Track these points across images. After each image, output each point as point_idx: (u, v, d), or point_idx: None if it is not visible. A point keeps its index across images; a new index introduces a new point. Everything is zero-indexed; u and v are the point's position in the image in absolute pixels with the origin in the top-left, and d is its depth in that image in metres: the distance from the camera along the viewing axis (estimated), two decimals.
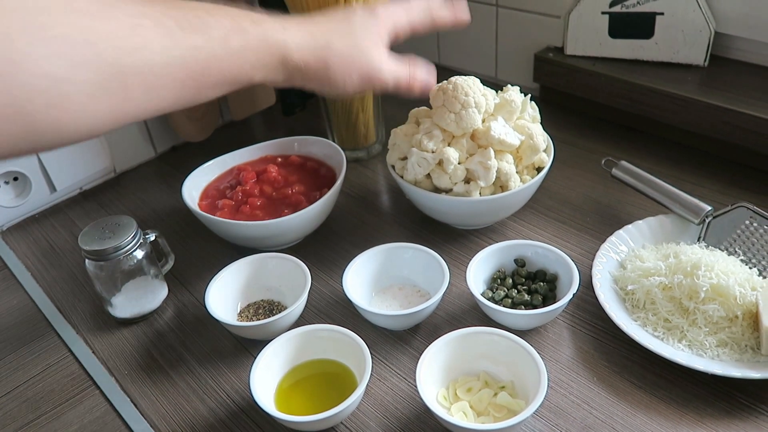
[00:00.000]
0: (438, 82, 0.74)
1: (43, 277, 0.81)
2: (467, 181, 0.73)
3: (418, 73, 0.64)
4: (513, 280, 0.70)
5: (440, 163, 0.72)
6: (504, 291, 0.68)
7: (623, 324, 0.62)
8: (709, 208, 0.70)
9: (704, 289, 0.61)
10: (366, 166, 0.95)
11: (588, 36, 0.94)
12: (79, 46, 0.41)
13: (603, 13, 0.91)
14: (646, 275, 0.65)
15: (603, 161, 0.80)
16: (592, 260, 0.69)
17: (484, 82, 0.76)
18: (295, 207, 0.77)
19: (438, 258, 0.69)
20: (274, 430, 0.60)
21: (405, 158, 0.77)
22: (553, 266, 0.69)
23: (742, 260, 0.66)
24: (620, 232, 0.72)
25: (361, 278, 0.70)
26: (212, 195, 0.82)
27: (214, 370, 0.66)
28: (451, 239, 0.79)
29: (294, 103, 1.09)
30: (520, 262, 0.71)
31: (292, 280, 0.70)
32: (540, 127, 0.77)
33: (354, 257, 0.70)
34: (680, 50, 0.89)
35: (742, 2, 0.84)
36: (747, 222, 0.68)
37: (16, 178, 0.88)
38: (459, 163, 0.72)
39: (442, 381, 0.60)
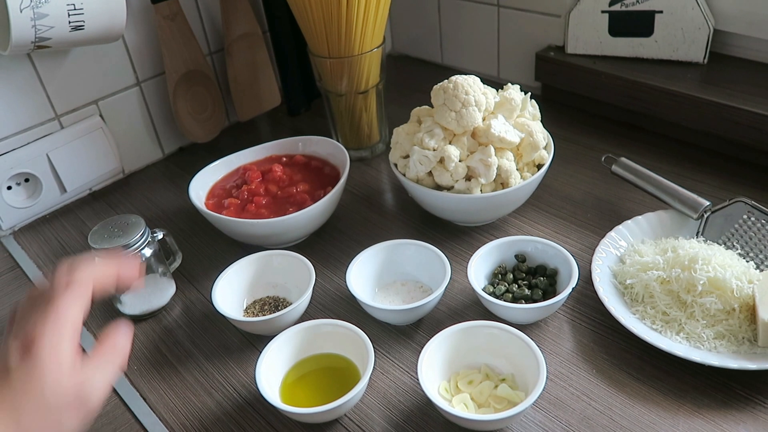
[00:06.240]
0: (440, 81, 0.76)
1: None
2: (468, 178, 0.74)
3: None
4: (514, 275, 0.71)
5: (441, 160, 0.74)
6: (505, 286, 0.69)
7: (622, 317, 0.63)
8: (708, 203, 0.71)
9: (701, 282, 0.61)
10: (369, 165, 0.97)
11: (588, 34, 0.95)
12: None
13: (603, 11, 0.92)
14: (645, 269, 0.66)
15: (603, 158, 0.81)
16: (592, 255, 0.70)
17: (487, 81, 0.77)
18: (300, 205, 0.78)
19: (440, 254, 0.70)
20: (279, 422, 0.61)
21: (407, 156, 0.78)
22: (553, 261, 0.70)
23: (739, 254, 0.67)
24: (620, 227, 0.73)
25: (365, 274, 0.71)
26: (218, 194, 0.83)
27: (221, 364, 0.68)
28: (453, 236, 0.80)
29: (299, 104, 1.10)
30: (520, 258, 0.72)
31: (297, 276, 0.71)
32: (540, 124, 0.78)
33: (357, 254, 0.72)
34: (679, 48, 0.90)
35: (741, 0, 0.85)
36: (745, 216, 0.69)
37: (27, 180, 0.90)
38: (460, 161, 0.74)
39: (444, 374, 0.61)
